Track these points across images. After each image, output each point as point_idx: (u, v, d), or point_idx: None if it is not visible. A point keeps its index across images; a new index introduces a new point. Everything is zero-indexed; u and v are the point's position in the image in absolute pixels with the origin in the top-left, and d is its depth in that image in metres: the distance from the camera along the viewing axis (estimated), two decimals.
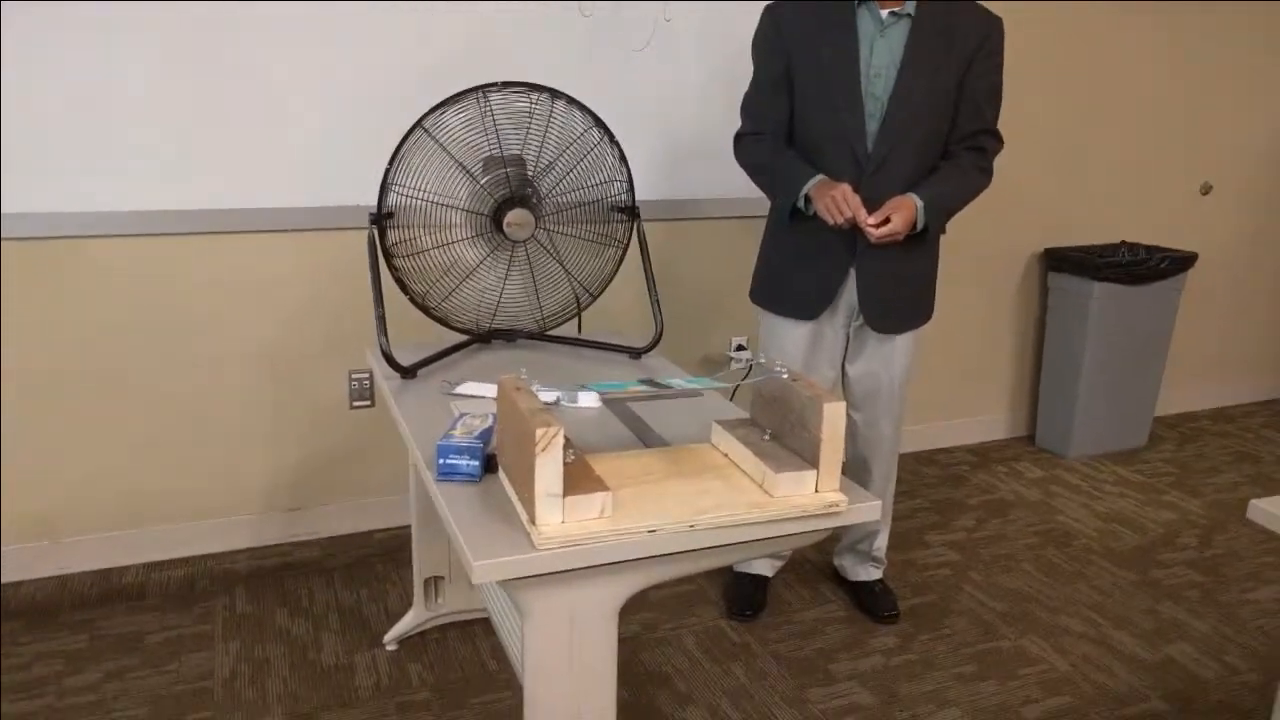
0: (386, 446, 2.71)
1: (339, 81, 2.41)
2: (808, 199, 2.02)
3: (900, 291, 2.14)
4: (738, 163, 2.18)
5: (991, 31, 2.01)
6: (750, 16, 2.12)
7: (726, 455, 1.41)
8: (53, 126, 2.21)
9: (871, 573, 2.43)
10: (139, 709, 1.96)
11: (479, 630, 2.25)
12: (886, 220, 1.94)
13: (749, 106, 2.14)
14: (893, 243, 1.99)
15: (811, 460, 1.29)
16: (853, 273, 2.10)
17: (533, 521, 1.17)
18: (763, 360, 1.44)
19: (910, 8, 1.98)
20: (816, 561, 2.62)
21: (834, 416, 1.26)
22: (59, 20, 2.16)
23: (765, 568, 2.42)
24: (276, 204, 2.43)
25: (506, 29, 2.52)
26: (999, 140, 2.11)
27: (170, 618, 2.29)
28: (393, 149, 1.79)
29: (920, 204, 1.99)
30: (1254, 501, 1.38)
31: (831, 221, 1.96)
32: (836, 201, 1.94)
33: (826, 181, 1.99)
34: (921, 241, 2.08)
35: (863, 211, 1.93)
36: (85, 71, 2.21)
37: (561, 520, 1.17)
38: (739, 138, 2.16)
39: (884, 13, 1.98)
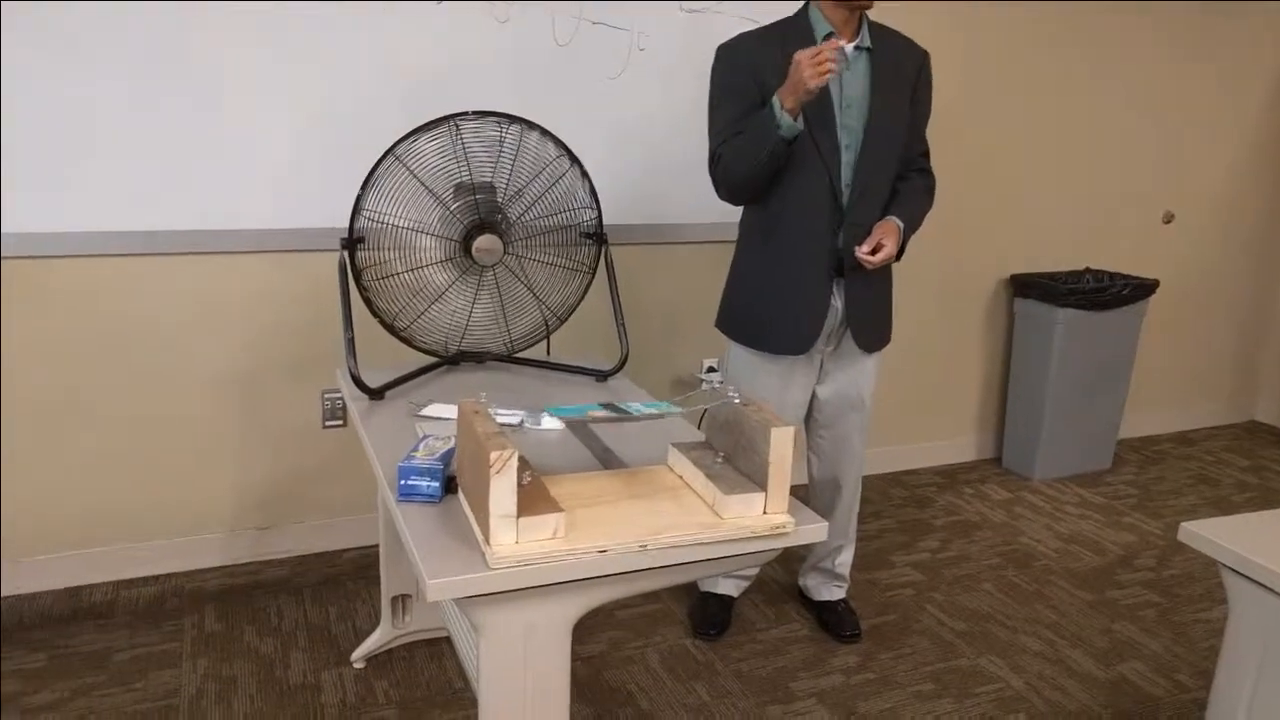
0: (358, 466, 2.74)
1: (314, 104, 2.46)
2: (784, 123, 1.94)
3: (879, 311, 2.24)
4: (720, 189, 2.13)
5: (925, 60, 2.18)
6: (719, 41, 2.17)
7: (681, 477, 1.46)
8: (19, 146, 2.24)
9: (835, 592, 2.48)
10: None
11: (445, 649, 2.28)
12: (877, 247, 2.02)
13: (721, 144, 2.09)
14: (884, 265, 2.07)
15: (760, 483, 1.34)
16: (834, 300, 2.16)
17: (487, 541, 1.20)
18: (719, 384, 1.49)
19: (867, 40, 2.06)
20: (782, 582, 2.66)
21: (781, 441, 1.31)
22: (32, 38, 2.19)
23: (730, 588, 2.46)
24: (251, 225, 2.47)
25: (483, 55, 2.58)
26: (929, 157, 2.28)
27: (138, 635, 2.30)
28: (366, 173, 1.83)
29: (901, 226, 2.09)
30: (1185, 524, 1.44)
31: (820, 79, 1.83)
32: (808, 63, 1.82)
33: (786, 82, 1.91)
34: (894, 262, 2.16)
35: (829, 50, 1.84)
36: (57, 90, 2.24)
37: (515, 540, 1.21)
38: (715, 160, 2.11)
39: (849, 47, 2.05)
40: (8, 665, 2.16)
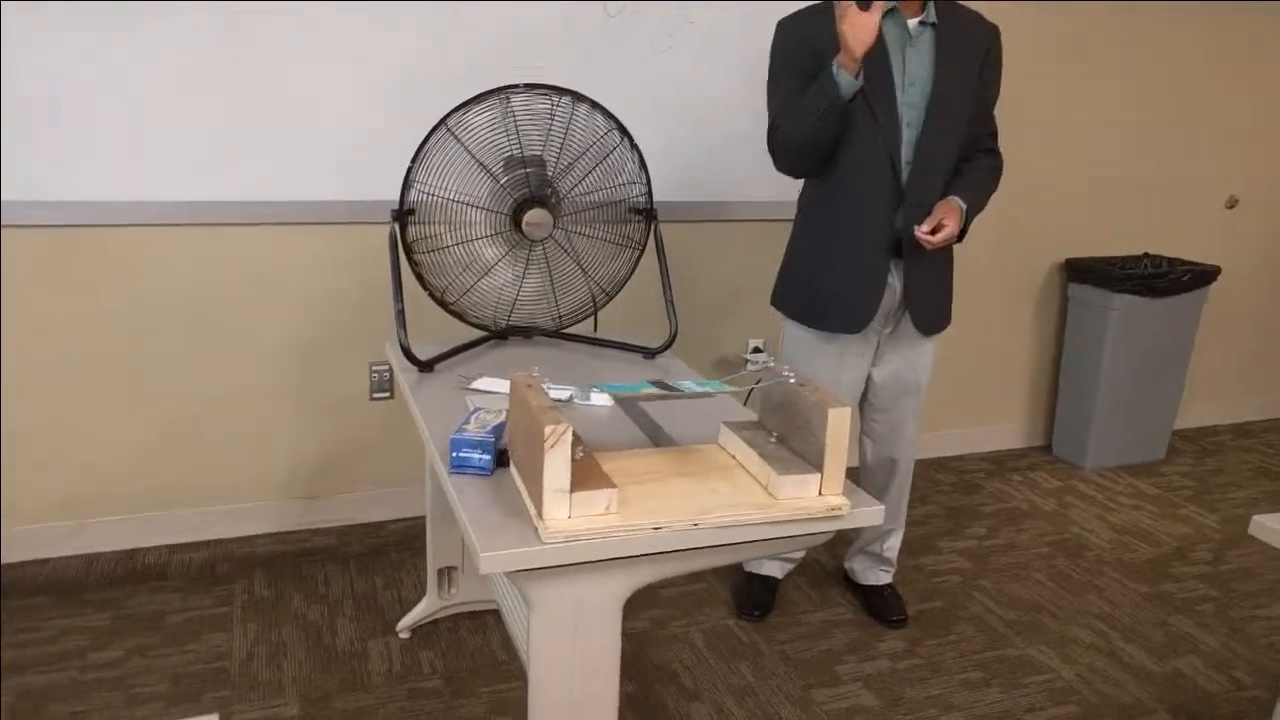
0: (404, 438, 2.76)
1: (366, 77, 2.46)
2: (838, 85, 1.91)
3: (938, 292, 2.20)
4: (777, 156, 2.08)
5: (995, 37, 2.11)
6: (770, 16, 2.13)
7: (733, 457, 1.44)
8: (83, 116, 2.27)
9: (881, 577, 2.45)
10: (158, 685, 2.02)
11: (490, 621, 2.29)
12: (938, 227, 1.98)
13: (778, 114, 2.06)
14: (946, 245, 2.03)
15: (816, 464, 1.31)
16: (892, 279, 2.12)
17: (540, 515, 1.20)
18: (772, 364, 1.47)
19: (932, 15, 2.00)
20: (827, 564, 2.64)
21: (838, 421, 1.28)
22: (93, 8, 2.21)
23: (775, 569, 2.45)
24: (302, 197, 2.48)
25: (532, 28, 2.56)
26: (997, 138, 2.22)
27: (191, 599, 2.35)
28: (416, 146, 1.83)
29: (964, 207, 2.04)
30: (1257, 518, 1.39)
31: (850, 30, 1.83)
32: (856, 26, 1.82)
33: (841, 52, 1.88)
34: (956, 243, 2.12)
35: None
36: (115, 61, 2.26)
37: (568, 515, 1.20)
38: (773, 129, 2.07)
39: (912, 22, 2.00)
40: (76, 622, 2.22)
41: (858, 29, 1.82)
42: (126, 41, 2.25)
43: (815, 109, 1.96)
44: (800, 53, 2.02)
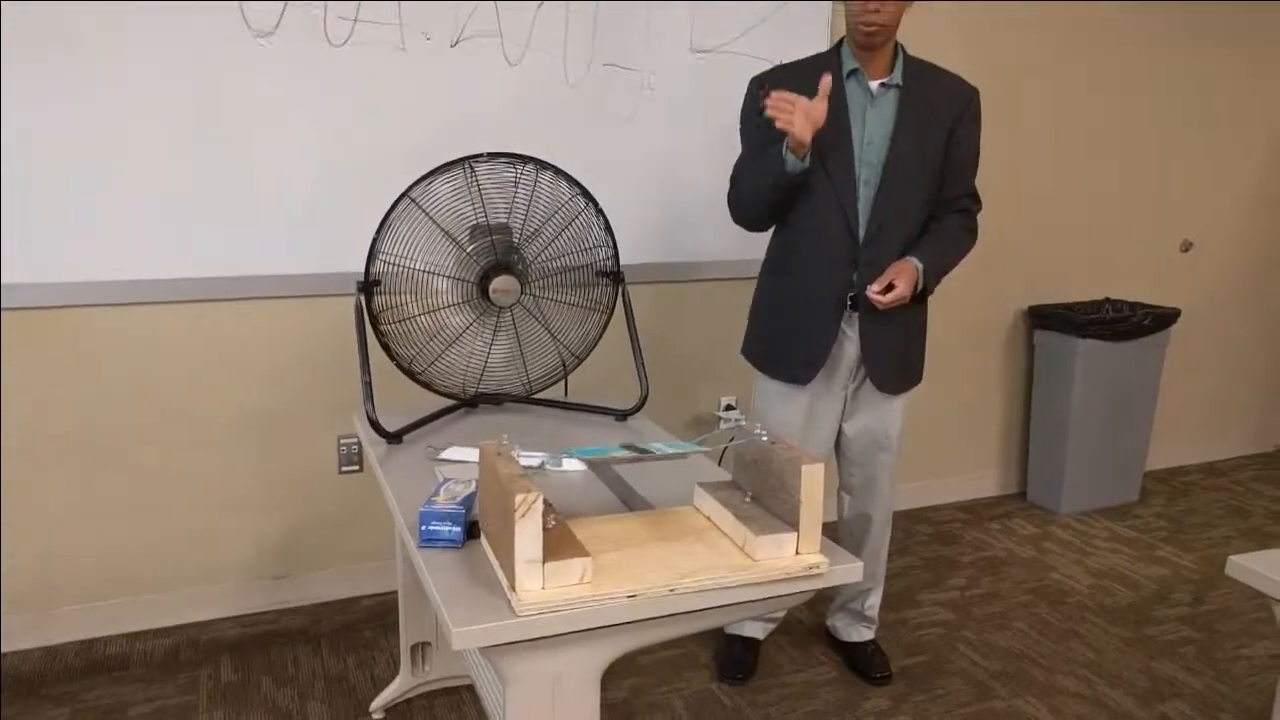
0: (375, 512, 2.70)
1: (331, 151, 2.46)
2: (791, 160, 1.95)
3: (901, 352, 2.19)
4: (733, 212, 2.13)
5: (972, 99, 2.11)
6: (730, 81, 2.18)
7: (709, 518, 1.42)
8: (42, 197, 2.25)
9: (864, 633, 2.41)
10: None
11: (466, 697, 2.23)
12: (890, 287, 1.99)
13: (741, 173, 2.13)
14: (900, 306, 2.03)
15: (792, 522, 1.30)
16: (848, 332, 2.14)
17: (513, 588, 1.17)
18: (744, 422, 1.46)
19: (898, 77, 2.05)
20: (808, 623, 2.60)
21: (812, 478, 1.27)
22: (54, 89, 2.21)
23: (757, 630, 2.41)
24: (267, 271, 2.46)
25: (496, 101, 2.59)
26: (979, 202, 2.21)
27: (154, 689, 2.26)
28: (381, 216, 1.83)
29: (921, 267, 2.05)
30: (1232, 558, 1.39)
31: (798, 126, 1.86)
32: (793, 111, 1.85)
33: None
34: (919, 303, 2.13)
35: (802, 101, 1.87)
36: (77, 141, 2.25)
37: (542, 586, 1.17)
38: (732, 185, 2.13)
39: (874, 84, 2.05)
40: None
41: (803, 118, 1.85)
42: (85, 119, 2.25)
43: (766, 179, 2.01)
44: (763, 114, 2.05)
